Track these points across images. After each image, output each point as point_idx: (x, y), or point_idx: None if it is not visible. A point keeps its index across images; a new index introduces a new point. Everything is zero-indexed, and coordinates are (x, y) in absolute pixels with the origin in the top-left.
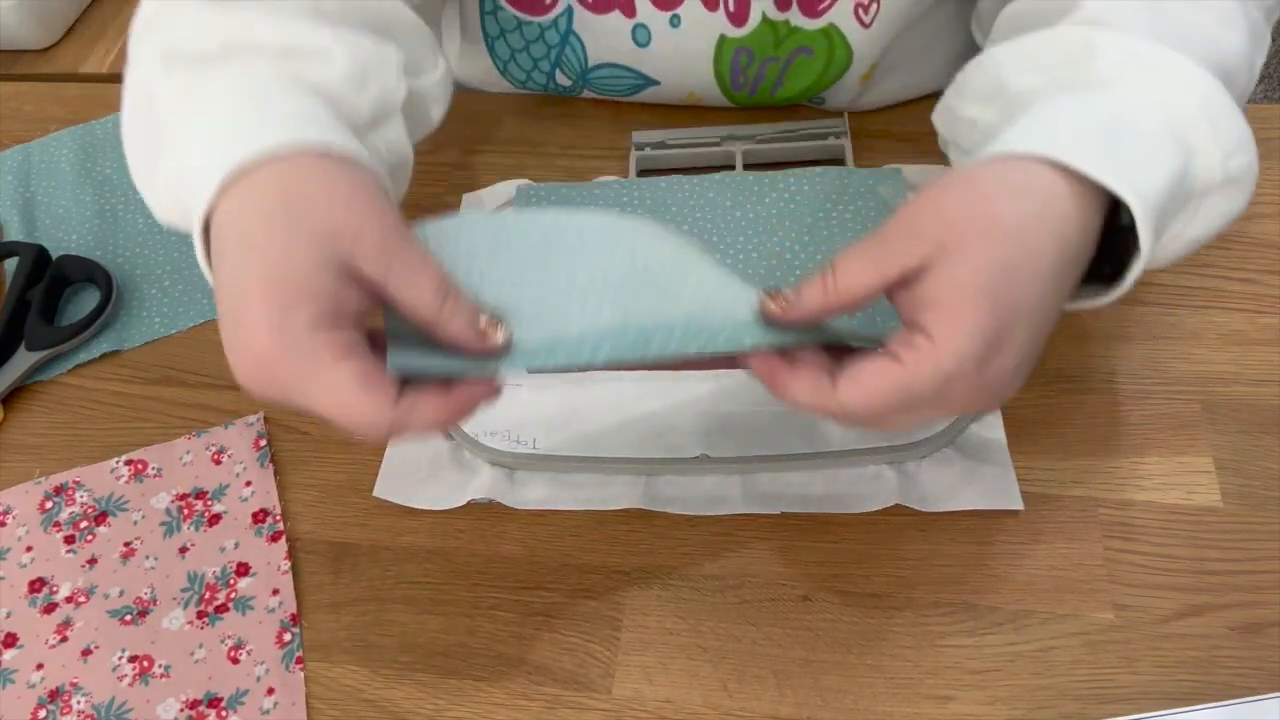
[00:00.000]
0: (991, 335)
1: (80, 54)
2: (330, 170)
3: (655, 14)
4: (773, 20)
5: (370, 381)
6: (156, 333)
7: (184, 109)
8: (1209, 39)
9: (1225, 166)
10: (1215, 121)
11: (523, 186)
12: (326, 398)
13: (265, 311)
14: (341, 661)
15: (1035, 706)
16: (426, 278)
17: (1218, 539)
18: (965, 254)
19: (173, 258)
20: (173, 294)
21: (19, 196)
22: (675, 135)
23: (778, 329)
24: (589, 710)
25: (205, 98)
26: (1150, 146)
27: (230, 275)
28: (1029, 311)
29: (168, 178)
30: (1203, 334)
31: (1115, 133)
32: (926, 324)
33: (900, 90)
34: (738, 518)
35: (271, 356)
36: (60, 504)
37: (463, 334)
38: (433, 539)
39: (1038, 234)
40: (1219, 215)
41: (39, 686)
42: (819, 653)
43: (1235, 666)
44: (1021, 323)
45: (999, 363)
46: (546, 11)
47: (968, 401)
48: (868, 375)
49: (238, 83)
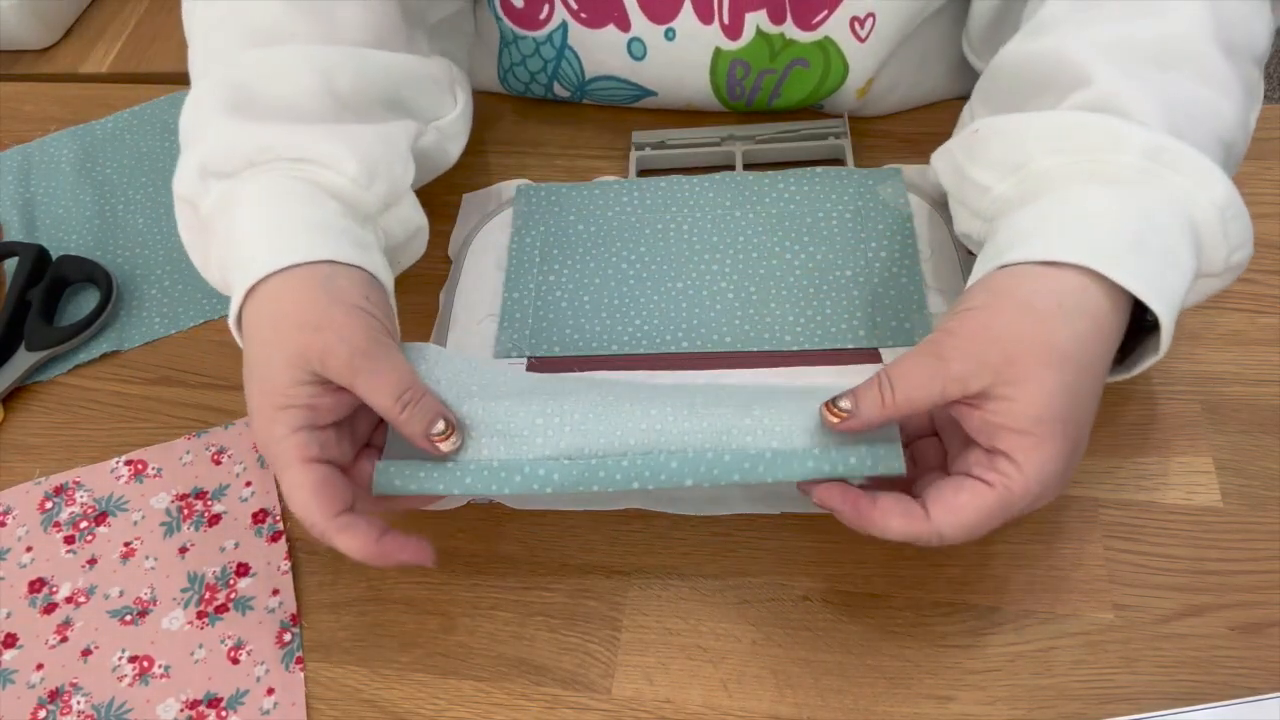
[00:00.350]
0: (1070, 453)
1: (80, 54)
2: (312, 289)
3: (650, 27)
4: (767, 33)
5: (320, 489)
6: (156, 333)
7: (223, 215)
8: (1214, 115)
9: (1228, 261)
10: (1228, 224)
11: (523, 186)
12: (286, 486)
13: (259, 412)
14: (341, 661)
15: (1035, 706)
16: (389, 385)
17: (1218, 539)
18: (1035, 384)
19: (173, 258)
20: (173, 294)
21: (19, 196)
22: (675, 135)
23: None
24: (589, 710)
25: (238, 207)
26: (1176, 255)
27: (245, 375)
28: (1089, 414)
29: (219, 272)
30: (1203, 334)
31: (1146, 241)
32: (1010, 450)
33: (898, 104)
34: (738, 518)
35: (262, 445)
36: (60, 504)
37: (415, 438)
38: (433, 539)
39: (1092, 353)
40: (1204, 293)
41: (39, 686)
42: (819, 653)
43: (1235, 666)
44: (1085, 433)
45: (1070, 473)
46: (541, 26)
47: (1045, 501)
48: (964, 501)
49: (264, 192)
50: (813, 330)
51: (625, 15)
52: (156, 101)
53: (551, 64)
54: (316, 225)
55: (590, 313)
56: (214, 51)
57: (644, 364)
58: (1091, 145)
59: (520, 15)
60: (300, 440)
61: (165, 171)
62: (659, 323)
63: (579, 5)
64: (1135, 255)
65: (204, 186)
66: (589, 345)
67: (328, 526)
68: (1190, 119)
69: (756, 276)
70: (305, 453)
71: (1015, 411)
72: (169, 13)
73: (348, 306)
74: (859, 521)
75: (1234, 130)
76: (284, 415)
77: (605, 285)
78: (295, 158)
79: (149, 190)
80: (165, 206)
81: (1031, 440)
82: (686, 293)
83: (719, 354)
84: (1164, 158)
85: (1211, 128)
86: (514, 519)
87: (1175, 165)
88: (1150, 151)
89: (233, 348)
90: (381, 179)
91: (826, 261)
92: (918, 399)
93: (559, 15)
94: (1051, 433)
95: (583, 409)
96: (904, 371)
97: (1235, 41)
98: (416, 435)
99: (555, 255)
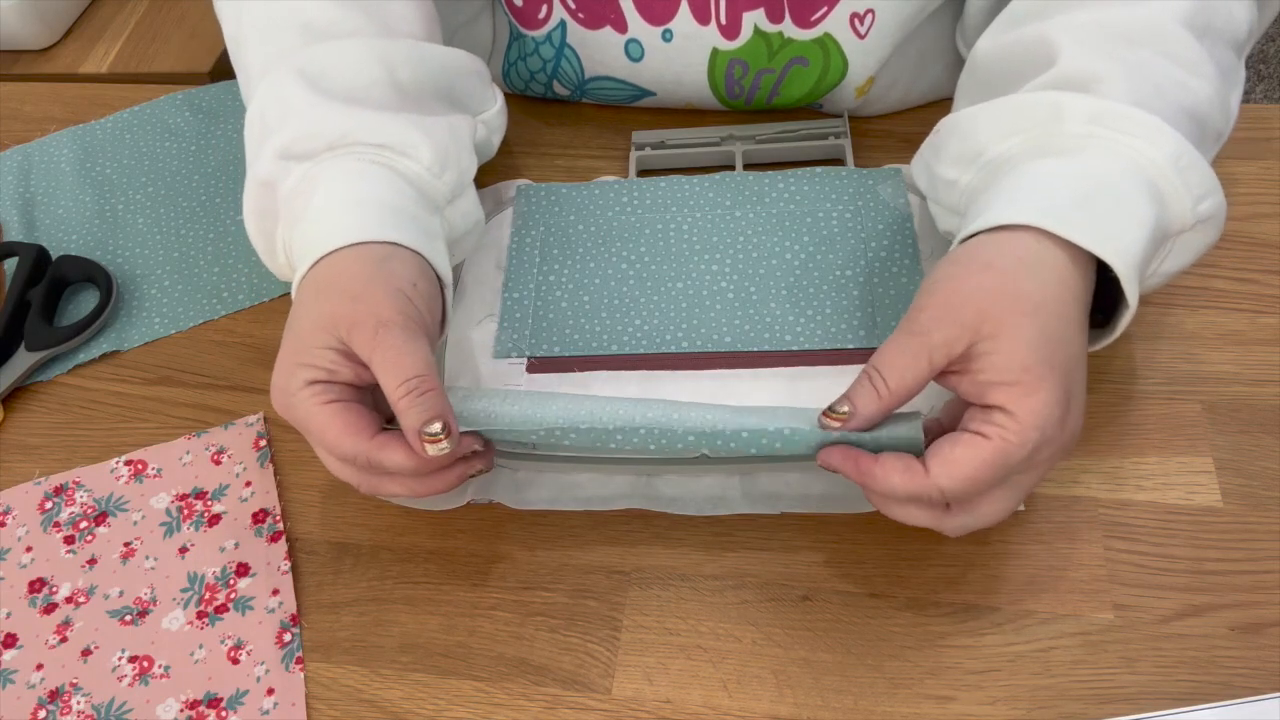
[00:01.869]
0: (1062, 395)
1: (80, 54)
2: (365, 264)
3: (646, 28)
4: (765, 32)
5: (348, 421)
6: (156, 333)
7: (300, 197)
8: (1180, 87)
9: (1195, 211)
10: (1185, 173)
11: (523, 186)
12: (314, 429)
13: (282, 369)
14: (341, 661)
15: (1035, 706)
16: (399, 368)
17: (1218, 539)
18: (1012, 334)
19: (173, 258)
20: (173, 294)
21: (19, 196)
22: (675, 135)
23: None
24: (589, 710)
25: (317, 187)
26: (1129, 208)
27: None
28: (1076, 364)
29: (286, 253)
30: (1203, 334)
31: (1096, 198)
32: (1003, 402)
33: (897, 103)
34: (738, 518)
35: (280, 402)
36: (60, 504)
37: (408, 431)
38: (433, 539)
39: (1060, 299)
40: (1192, 250)
41: (39, 686)
42: (819, 653)
43: (1235, 666)
44: (1075, 375)
45: (1073, 419)
46: (540, 26)
47: (1052, 460)
48: (960, 454)
49: (342, 174)
50: (813, 330)
51: (622, 17)
52: (156, 101)
53: (551, 63)
54: (389, 207)
55: (590, 313)
56: (277, 50)
57: (644, 364)
58: (1037, 121)
59: (521, 14)
60: (316, 390)
61: (165, 171)
62: (659, 322)
63: (577, 5)
64: (1082, 211)
65: (284, 169)
66: (589, 345)
67: (369, 449)
68: (1157, 90)
69: (756, 276)
70: (323, 399)
71: (999, 364)
72: (169, 13)
73: (391, 288)
74: (861, 478)
75: (1206, 107)
76: (301, 371)
77: (605, 285)
78: (375, 143)
79: (149, 190)
80: (166, 206)
81: (1020, 389)
82: (686, 293)
83: (719, 354)
84: (1107, 120)
85: (1179, 100)
86: (514, 519)
87: (1120, 127)
88: (1093, 117)
89: (233, 348)
90: (451, 169)
91: (826, 261)
92: (909, 380)
93: (558, 14)
94: (1039, 378)
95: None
96: (889, 358)
97: (1212, 25)
98: (410, 428)
99: (555, 255)
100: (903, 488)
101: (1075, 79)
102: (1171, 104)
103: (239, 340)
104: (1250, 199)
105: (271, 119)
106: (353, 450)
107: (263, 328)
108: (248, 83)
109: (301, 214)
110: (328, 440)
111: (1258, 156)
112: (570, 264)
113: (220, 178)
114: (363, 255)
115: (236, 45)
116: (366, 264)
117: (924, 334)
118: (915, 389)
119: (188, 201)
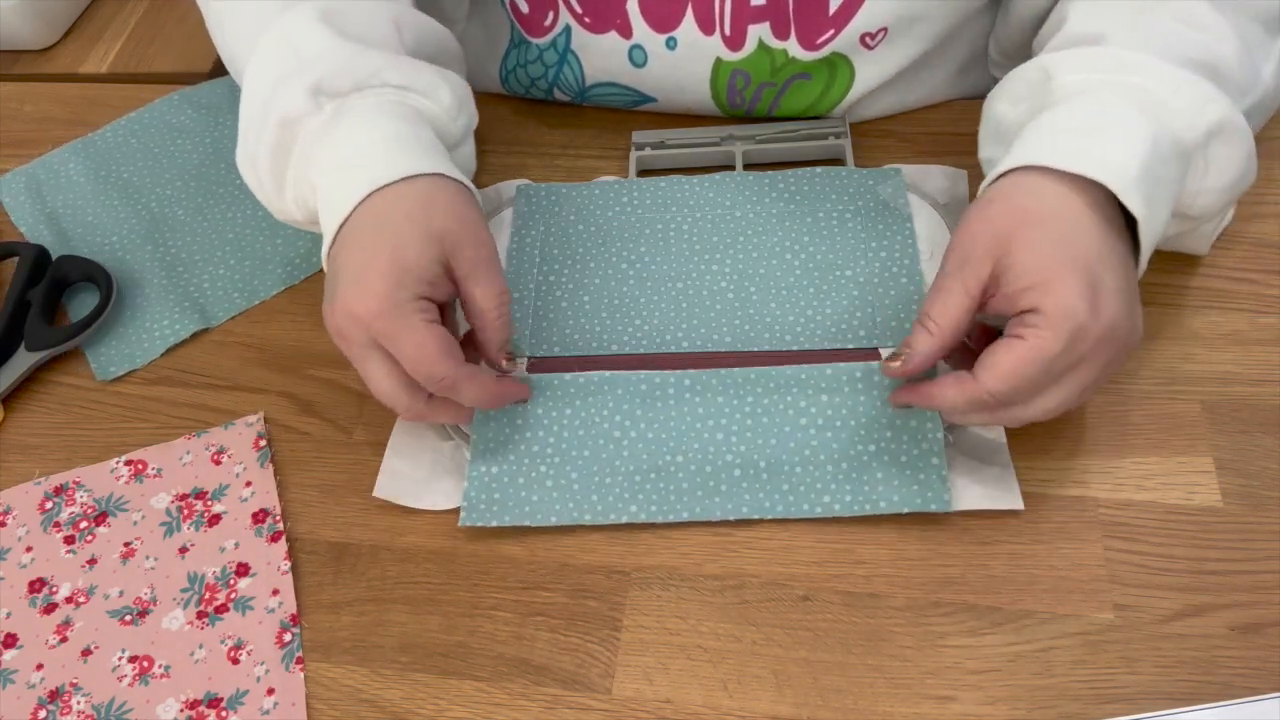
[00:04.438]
0: (1085, 287)
1: (80, 54)
2: (451, 190)
3: (651, 35)
4: (770, 47)
5: (446, 342)
6: (238, 306)
7: (331, 131)
8: (1188, 42)
9: (1203, 118)
10: (1178, 89)
11: (523, 186)
12: (411, 345)
13: (385, 279)
14: (341, 661)
15: (1035, 706)
16: (497, 289)
17: (1218, 539)
18: (1024, 244)
19: (227, 239)
20: (240, 270)
21: (40, 213)
22: (675, 135)
23: None
24: (589, 710)
25: (347, 122)
26: (1115, 129)
27: (364, 249)
28: (1101, 258)
29: (297, 186)
30: (1203, 334)
31: (1079, 129)
32: (1031, 303)
33: (896, 105)
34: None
35: (379, 310)
36: (60, 504)
37: (491, 345)
38: (433, 539)
39: (1065, 209)
40: (1230, 160)
41: (39, 686)
42: (819, 653)
43: (1235, 666)
44: (1100, 269)
45: (1107, 307)
46: (546, 33)
47: (1101, 349)
48: (1000, 357)
49: (375, 112)
50: (812, 330)
51: (628, 22)
52: (154, 105)
53: (553, 69)
54: (428, 144)
55: (590, 313)
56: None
57: (644, 364)
58: (1032, 86)
59: (526, 20)
60: (423, 306)
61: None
62: (659, 323)
63: (583, 9)
64: (1062, 142)
65: (315, 104)
66: (589, 345)
67: (459, 374)
68: (1162, 40)
69: (756, 276)
70: (428, 316)
71: (1018, 271)
72: (169, 13)
73: (479, 217)
74: (926, 402)
75: (1222, 64)
76: (412, 284)
77: (605, 285)
78: (399, 84)
79: (177, 185)
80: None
81: (1041, 286)
82: (686, 293)
83: (719, 354)
84: (1095, 64)
85: (1184, 52)
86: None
87: (1106, 66)
88: (1081, 65)
89: (233, 348)
90: (464, 113)
91: (826, 261)
92: (952, 311)
93: (563, 19)
94: (1059, 273)
95: None
96: (930, 302)
97: None
98: (494, 342)
99: (555, 255)
100: (960, 399)
101: (1082, 37)
102: (1176, 54)
103: (239, 340)
104: (1250, 199)
105: (305, 54)
106: (443, 372)
107: (263, 328)
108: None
109: (334, 151)
110: (425, 358)
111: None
112: (570, 264)
113: None
114: (440, 184)
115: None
116: (452, 192)
117: (952, 272)
118: (961, 320)
119: (223, 188)
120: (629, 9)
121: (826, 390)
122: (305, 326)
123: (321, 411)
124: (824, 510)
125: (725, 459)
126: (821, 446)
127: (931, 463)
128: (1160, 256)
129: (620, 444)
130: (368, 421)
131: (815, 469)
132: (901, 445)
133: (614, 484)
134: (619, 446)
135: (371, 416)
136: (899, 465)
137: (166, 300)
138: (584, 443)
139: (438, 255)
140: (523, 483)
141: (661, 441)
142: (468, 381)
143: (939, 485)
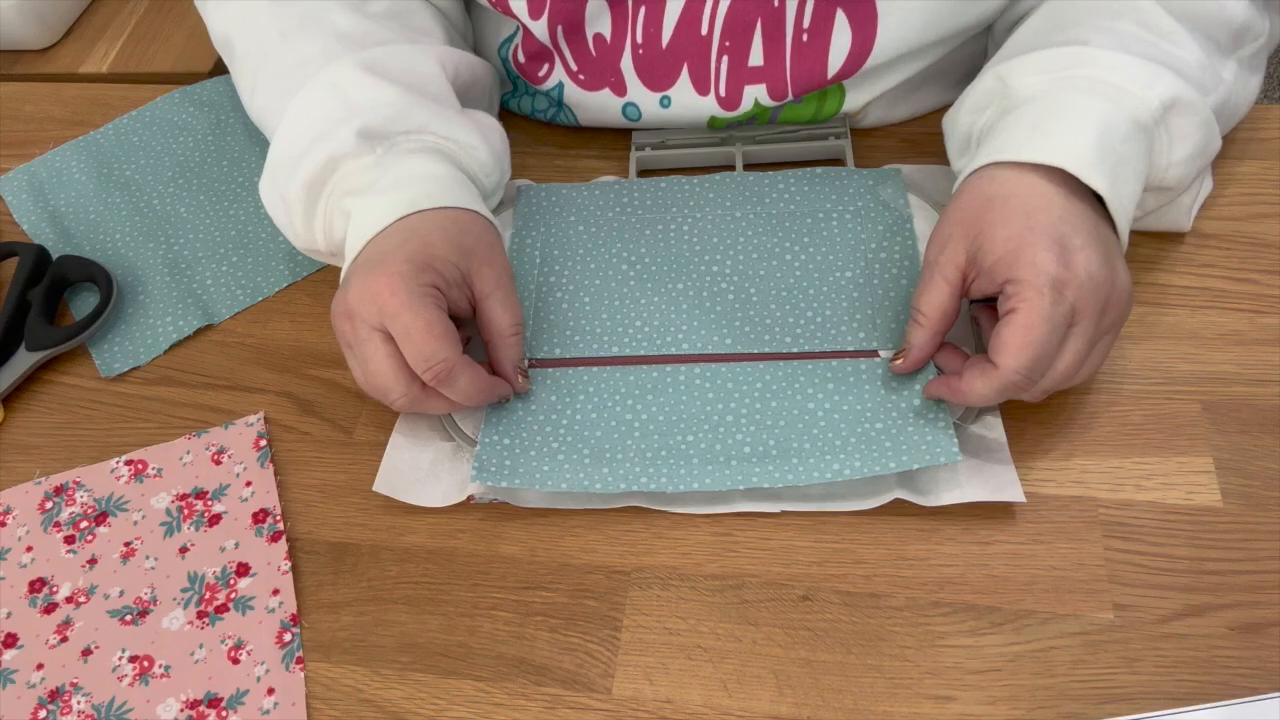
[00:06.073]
0: (1051, 243)
1: (80, 54)
2: (483, 223)
3: (645, 94)
4: (765, 106)
5: (450, 328)
6: (242, 303)
7: (380, 171)
8: (1147, 44)
9: (1154, 94)
10: (1126, 71)
11: (523, 186)
12: (420, 321)
13: (408, 262)
14: (341, 661)
15: (1035, 706)
16: (515, 314)
17: (1218, 539)
18: (991, 223)
19: (230, 236)
20: (243, 267)
21: (43, 212)
22: (675, 135)
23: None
24: (589, 710)
25: (395, 156)
26: (1067, 116)
27: (389, 245)
28: (1064, 220)
29: (328, 214)
30: (1203, 334)
31: (1033, 122)
32: (1006, 273)
33: (880, 119)
34: (738, 517)
35: (395, 288)
36: (60, 504)
37: (507, 362)
38: (433, 539)
39: (1026, 189)
40: (1189, 131)
41: (39, 686)
42: (819, 653)
43: (1235, 666)
44: (1064, 229)
45: (1078, 259)
46: (541, 83)
47: (1086, 301)
48: (1004, 334)
49: (419, 156)
50: (812, 331)
51: (622, 81)
52: (155, 103)
53: (551, 110)
54: (465, 185)
55: (590, 314)
56: (319, 50)
57: (644, 365)
58: (992, 97)
59: (524, 69)
60: (433, 292)
61: (190, 162)
62: (659, 324)
63: (578, 66)
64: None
65: (366, 147)
66: (589, 346)
67: (457, 360)
68: (1120, 41)
69: (756, 277)
70: (436, 300)
71: (989, 248)
72: (169, 13)
73: (504, 251)
74: (957, 397)
75: (1182, 66)
76: (429, 272)
77: (605, 286)
78: (443, 136)
79: (179, 182)
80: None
81: (1012, 255)
82: (687, 293)
83: (719, 355)
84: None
85: (1144, 53)
86: (514, 519)
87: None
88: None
89: (233, 348)
90: (497, 169)
91: (826, 262)
92: (936, 301)
93: (558, 74)
94: (1025, 240)
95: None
96: (918, 294)
97: (1191, 11)
98: (512, 360)
99: (555, 256)
100: (989, 389)
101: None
102: (1135, 52)
103: (239, 340)
104: (1250, 199)
105: (355, 101)
106: (444, 354)
107: (263, 327)
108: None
109: (374, 180)
110: (429, 337)
111: (1258, 156)
112: (570, 264)
113: (248, 159)
114: (471, 216)
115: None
116: (479, 222)
117: (931, 263)
118: (947, 306)
119: (225, 185)
120: (623, 67)
121: (833, 380)
122: (306, 326)
123: (321, 411)
124: (834, 476)
125: (735, 438)
126: (829, 426)
127: (938, 424)
128: (1160, 256)
129: (632, 425)
130: (368, 421)
131: (824, 444)
132: (908, 419)
133: (625, 459)
134: (630, 428)
135: (371, 416)
136: (906, 433)
137: (170, 297)
138: (596, 424)
139: (461, 263)
140: (534, 454)
141: (673, 424)
142: (464, 370)
143: (947, 442)
